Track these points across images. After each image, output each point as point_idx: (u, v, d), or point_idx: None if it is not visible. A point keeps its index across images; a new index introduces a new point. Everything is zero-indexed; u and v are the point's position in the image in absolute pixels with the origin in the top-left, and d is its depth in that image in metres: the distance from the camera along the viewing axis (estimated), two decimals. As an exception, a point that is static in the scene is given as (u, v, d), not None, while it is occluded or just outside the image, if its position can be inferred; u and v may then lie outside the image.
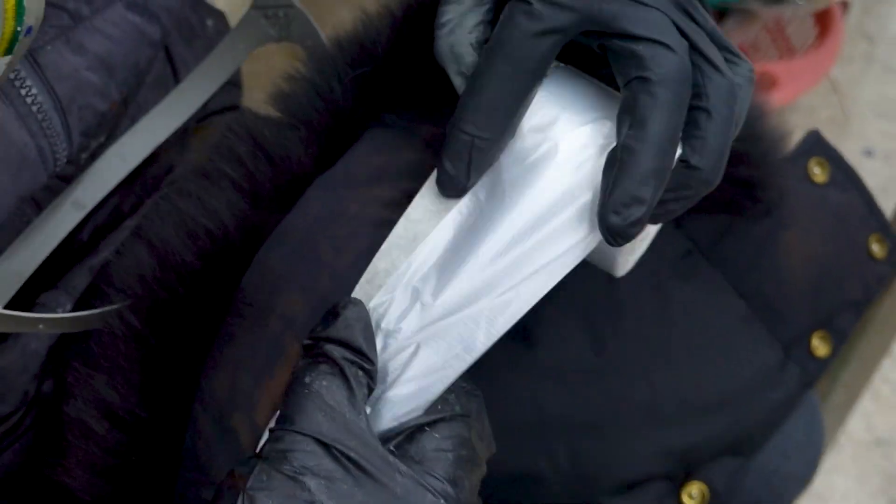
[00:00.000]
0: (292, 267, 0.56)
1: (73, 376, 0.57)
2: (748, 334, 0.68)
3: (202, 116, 0.77)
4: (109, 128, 0.68)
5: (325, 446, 0.44)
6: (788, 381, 0.70)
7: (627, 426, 0.63)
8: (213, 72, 0.69)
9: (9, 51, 0.43)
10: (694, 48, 0.48)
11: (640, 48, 0.47)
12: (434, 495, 0.45)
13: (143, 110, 0.70)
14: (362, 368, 0.47)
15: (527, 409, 0.61)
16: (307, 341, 0.47)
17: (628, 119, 0.47)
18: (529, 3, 0.48)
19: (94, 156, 0.67)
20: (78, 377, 0.57)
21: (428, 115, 0.59)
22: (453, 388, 0.49)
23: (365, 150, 0.59)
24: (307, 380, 0.46)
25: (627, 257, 0.59)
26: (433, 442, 0.47)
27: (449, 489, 0.46)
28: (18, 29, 0.42)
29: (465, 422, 0.48)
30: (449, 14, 0.51)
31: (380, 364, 0.48)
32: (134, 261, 0.57)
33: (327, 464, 0.44)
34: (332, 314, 0.48)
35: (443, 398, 0.48)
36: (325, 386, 0.46)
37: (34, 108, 0.59)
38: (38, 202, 0.65)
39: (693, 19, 0.49)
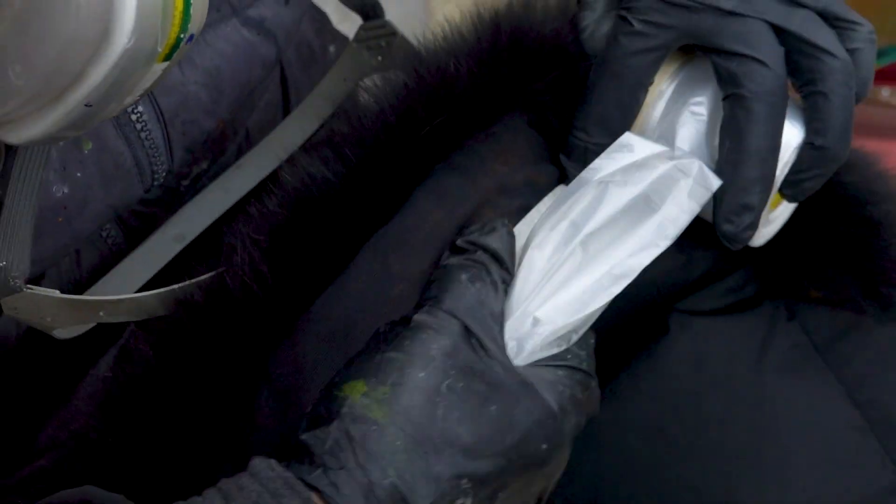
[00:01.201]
0: (324, 356, 0.55)
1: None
2: (858, 447, 0.62)
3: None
4: (214, 152, 0.67)
5: (467, 330, 0.49)
6: None
7: None
8: (317, 106, 0.70)
9: (168, 57, 0.42)
10: (800, 39, 0.52)
11: (733, 65, 0.52)
12: (542, 406, 0.49)
13: (252, 135, 0.69)
14: (504, 281, 0.51)
15: (584, 489, 0.59)
16: (462, 243, 0.52)
17: (728, 133, 0.53)
18: (631, 24, 0.54)
19: (195, 182, 0.66)
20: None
21: (497, 153, 0.60)
22: (586, 346, 0.52)
23: (424, 202, 0.58)
24: (463, 276, 0.51)
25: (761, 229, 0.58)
26: (553, 374, 0.50)
27: (555, 410, 0.49)
28: (181, 36, 0.42)
29: (588, 377, 0.51)
30: (586, 20, 0.56)
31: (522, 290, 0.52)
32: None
33: (462, 343, 0.49)
34: (490, 227, 0.53)
35: (574, 348, 0.52)
36: (478, 287, 0.50)
37: (133, 118, 0.58)
38: (125, 223, 0.64)
39: (798, 2, 0.53)
